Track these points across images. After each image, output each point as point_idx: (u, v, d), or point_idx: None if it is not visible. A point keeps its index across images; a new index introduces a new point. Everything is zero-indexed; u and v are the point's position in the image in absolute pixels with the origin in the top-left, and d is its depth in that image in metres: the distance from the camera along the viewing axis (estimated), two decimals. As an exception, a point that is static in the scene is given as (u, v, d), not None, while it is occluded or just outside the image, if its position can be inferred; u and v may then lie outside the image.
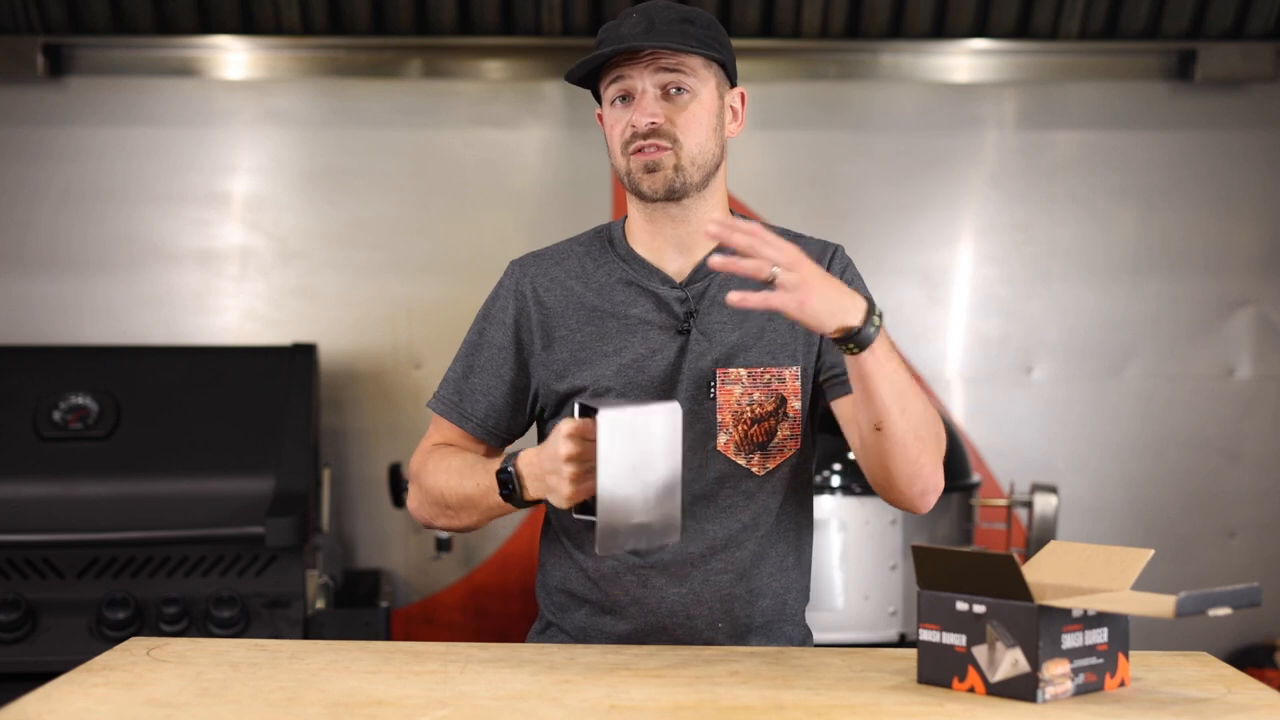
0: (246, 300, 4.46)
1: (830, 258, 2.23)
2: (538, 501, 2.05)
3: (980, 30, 4.45)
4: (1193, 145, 4.57)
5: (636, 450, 1.89)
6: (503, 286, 2.29)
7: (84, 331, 4.38)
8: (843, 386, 2.15)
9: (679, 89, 2.15)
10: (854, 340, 1.94)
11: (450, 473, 2.19)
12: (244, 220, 4.46)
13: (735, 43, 3.50)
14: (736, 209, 2.30)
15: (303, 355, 4.06)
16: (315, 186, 4.48)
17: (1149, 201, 4.57)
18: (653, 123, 2.13)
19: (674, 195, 2.16)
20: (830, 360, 2.19)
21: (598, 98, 2.25)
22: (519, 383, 2.25)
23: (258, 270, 4.46)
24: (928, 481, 2.09)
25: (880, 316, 1.96)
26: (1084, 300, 4.58)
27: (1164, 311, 4.58)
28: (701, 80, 2.16)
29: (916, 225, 4.56)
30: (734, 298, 1.89)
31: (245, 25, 4.35)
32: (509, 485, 2.05)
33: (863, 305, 1.94)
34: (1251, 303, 4.60)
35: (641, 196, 2.18)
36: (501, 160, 4.49)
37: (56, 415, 3.78)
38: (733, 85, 2.23)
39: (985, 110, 4.56)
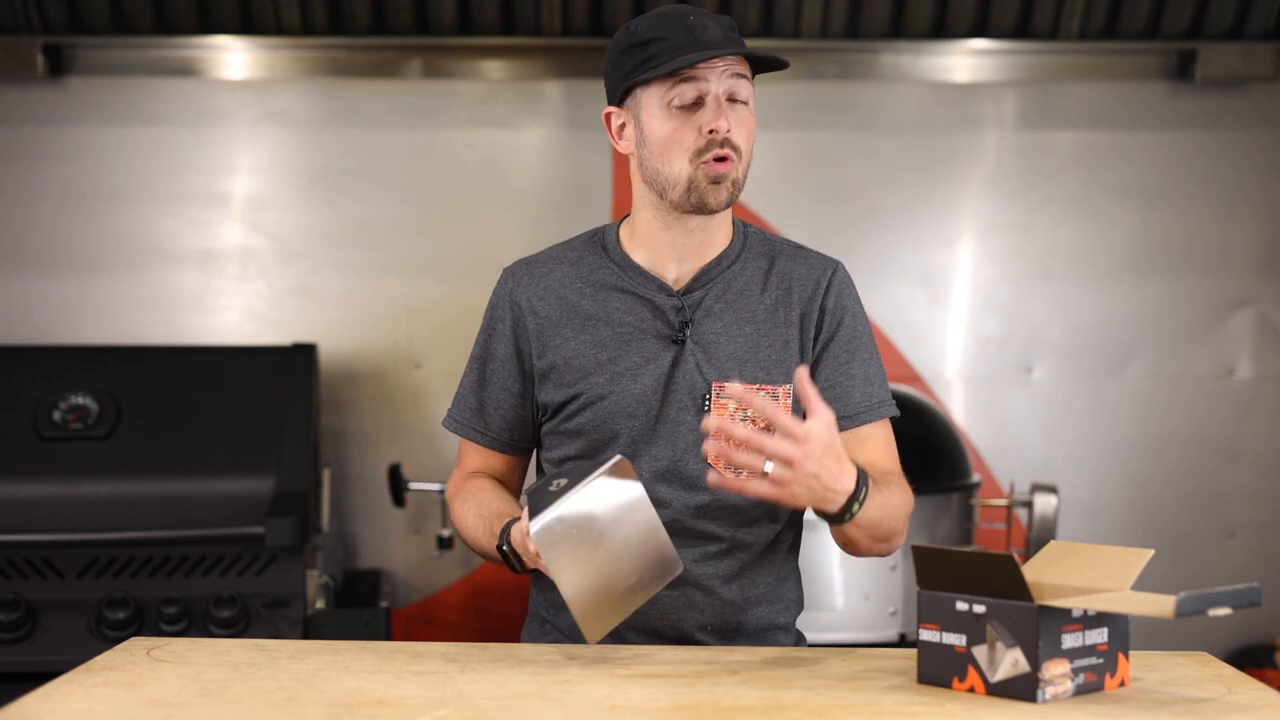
0: (246, 300, 4.46)
1: (829, 278, 2.22)
2: None
3: (980, 30, 4.45)
4: (1193, 145, 4.57)
5: (589, 532, 1.91)
6: (498, 296, 2.27)
7: (84, 331, 4.38)
8: None
9: (738, 99, 2.12)
10: (825, 517, 2.00)
11: (468, 522, 2.21)
12: (244, 220, 4.46)
13: (735, 42, 3.39)
14: (736, 211, 2.29)
15: (303, 355, 4.06)
16: (315, 186, 4.48)
17: (1149, 201, 4.57)
18: (729, 130, 2.10)
19: (729, 206, 2.16)
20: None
21: (615, 99, 2.19)
22: (527, 392, 2.25)
23: (258, 270, 4.46)
24: (890, 547, 2.15)
25: (862, 500, 1.97)
26: (1084, 300, 4.58)
27: (1164, 311, 4.58)
28: (751, 92, 2.16)
29: (916, 225, 4.56)
30: (712, 479, 1.92)
31: (245, 25, 4.35)
32: (508, 561, 2.07)
33: (844, 495, 1.95)
34: (1251, 303, 4.60)
35: (703, 208, 2.14)
36: (501, 160, 4.49)
37: (56, 415, 3.78)
38: None
39: (985, 110, 4.56)
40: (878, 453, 2.21)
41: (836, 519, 1.99)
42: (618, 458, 1.93)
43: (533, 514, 1.92)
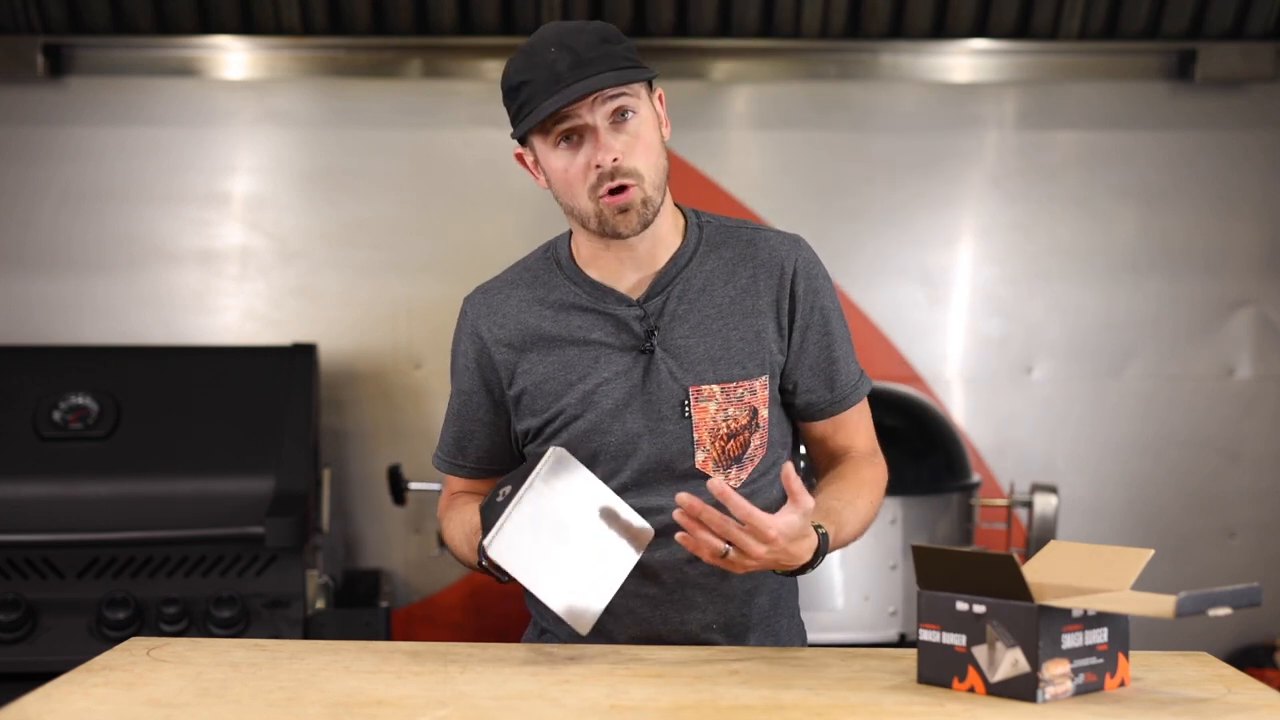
0: (246, 300, 4.46)
1: (794, 262, 2.18)
2: None
3: (980, 30, 4.45)
4: (1193, 145, 4.57)
5: (547, 531, 1.92)
6: (461, 330, 2.26)
7: (84, 331, 4.38)
8: (812, 414, 2.23)
9: (625, 113, 2.08)
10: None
11: (456, 539, 2.22)
12: (244, 220, 4.46)
13: (735, 43, 3.48)
14: (733, 208, 2.28)
15: (303, 355, 4.06)
16: (315, 186, 4.48)
17: (1149, 201, 4.57)
18: (616, 159, 2.06)
19: (646, 227, 2.12)
20: (795, 381, 2.20)
21: (519, 138, 2.16)
22: (498, 422, 2.24)
23: (258, 270, 4.46)
24: None
25: (816, 565, 2.02)
26: (1084, 300, 4.58)
27: (1164, 311, 4.58)
28: (641, 98, 2.10)
29: (916, 225, 4.56)
30: (680, 537, 1.93)
31: (245, 25, 4.35)
32: (493, 575, 2.07)
33: (799, 564, 2.00)
34: (1251, 303, 4.60)
35: (618, 238, 2.12)
36: (501, 160, 4.44)
37: (56, 415, 3.78)
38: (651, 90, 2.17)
39: (985, 110, 4.56)
40: (857, 435, 2.26)
41: (789, 575, 2.07)
42: (553, 450, 1.94)
43: (485, 530, 1.92)
